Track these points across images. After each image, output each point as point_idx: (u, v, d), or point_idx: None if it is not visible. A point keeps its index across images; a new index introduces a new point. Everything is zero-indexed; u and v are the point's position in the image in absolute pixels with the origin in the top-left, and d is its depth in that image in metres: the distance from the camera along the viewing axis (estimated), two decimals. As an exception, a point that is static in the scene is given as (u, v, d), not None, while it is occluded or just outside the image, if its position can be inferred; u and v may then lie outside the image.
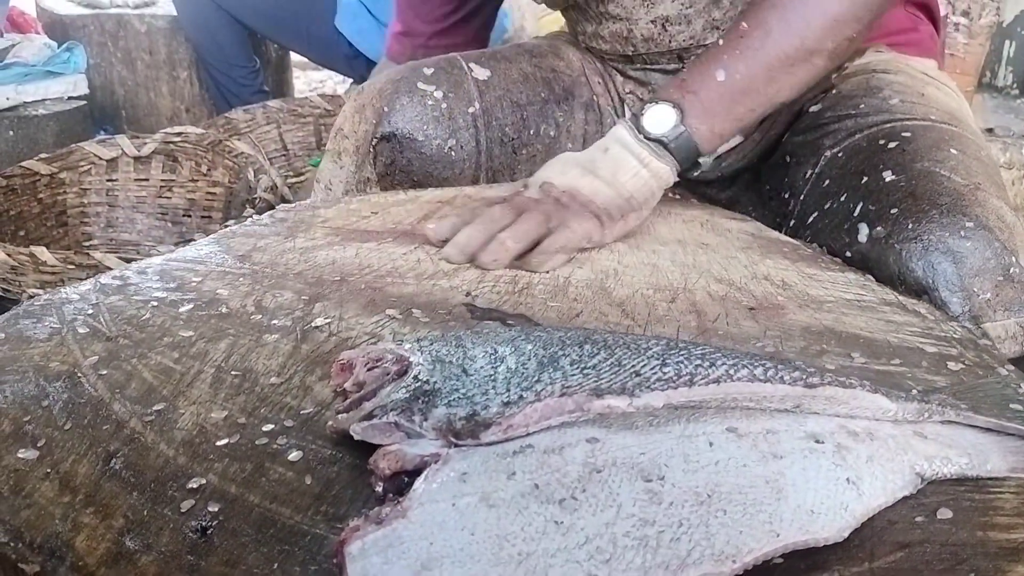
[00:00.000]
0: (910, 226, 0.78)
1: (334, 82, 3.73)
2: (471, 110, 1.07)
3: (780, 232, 0.92)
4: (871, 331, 0.69)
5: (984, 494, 0.50)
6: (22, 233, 1.81)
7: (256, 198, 1.72)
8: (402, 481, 0.47)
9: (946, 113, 0.95)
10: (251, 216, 1.61)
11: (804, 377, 0.53)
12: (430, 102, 1.05)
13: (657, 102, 0.86)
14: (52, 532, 0.46)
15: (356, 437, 0.50)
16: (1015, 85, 3.27)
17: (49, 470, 0.51)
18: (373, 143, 1.04)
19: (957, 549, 0.46)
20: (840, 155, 0.94)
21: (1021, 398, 0.59)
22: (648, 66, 1.11)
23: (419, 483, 0.45)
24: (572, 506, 0.43)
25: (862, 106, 0.97)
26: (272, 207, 1.69)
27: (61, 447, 0.53)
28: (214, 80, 2.62)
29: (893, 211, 0.80)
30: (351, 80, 2.71)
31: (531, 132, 1.12)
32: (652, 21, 1.04)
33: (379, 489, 0.47)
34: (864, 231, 0.82)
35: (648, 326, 0.69)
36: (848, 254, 0.83)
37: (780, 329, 0.69)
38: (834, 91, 1.03)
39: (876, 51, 1.08)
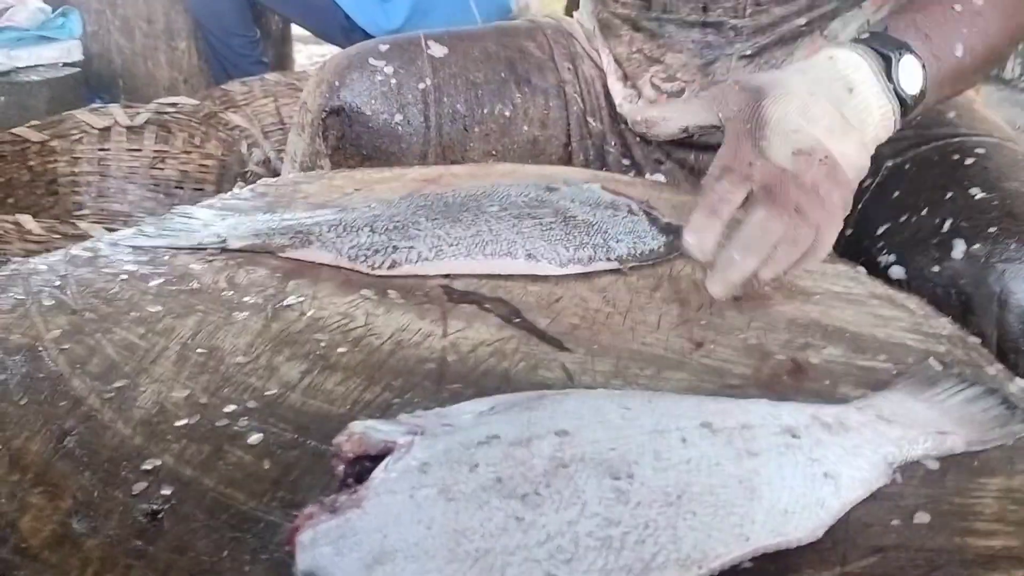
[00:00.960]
0: (1012, 246, 0.77)
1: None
2: (421, 86, 1.09)
3: None
4: (858, 325, 0.67)
5: (964, 498, 0.48)
6: (11, 201, 1.79)
7: (249, 172, 1.70)
8: (363, 467, 0.45)
9: (1002, 131, 0.95)
10: (243, 189, 1.60)
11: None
12: (379, 77, 1.07)
13: (909, 52, 0.72)
14: (-3, 512, 0.45)
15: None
16: (1023, 78, 3.24)
17: (0, 447, 0.49)
18: (323, 116, 1.07)
19: (933, 555, 0.44)
20: (907, 167, 0.92)
21: (1012, 397, 0.57)
22: (666, 15, 1.04)
23: (378, 472, 0.43)
24: (535, 502, 0.41)
25: (919, 117, 0.95)
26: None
27: (14, 423, 0.51)
28: (213, 49, 2.60)
29: (991, 230, 0.79)
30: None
31: (484, 111, 1.11)
32: None
33: (339, 472, 0.46)
34: (960, 247, 0.80)
35: (629, 313, 0.67)
36: (936, 268, 0.81)
37: (765, 320, 0.67)
38: None
39: None
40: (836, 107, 0.69)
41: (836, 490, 0.46)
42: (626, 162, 1.13)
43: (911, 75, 0.72)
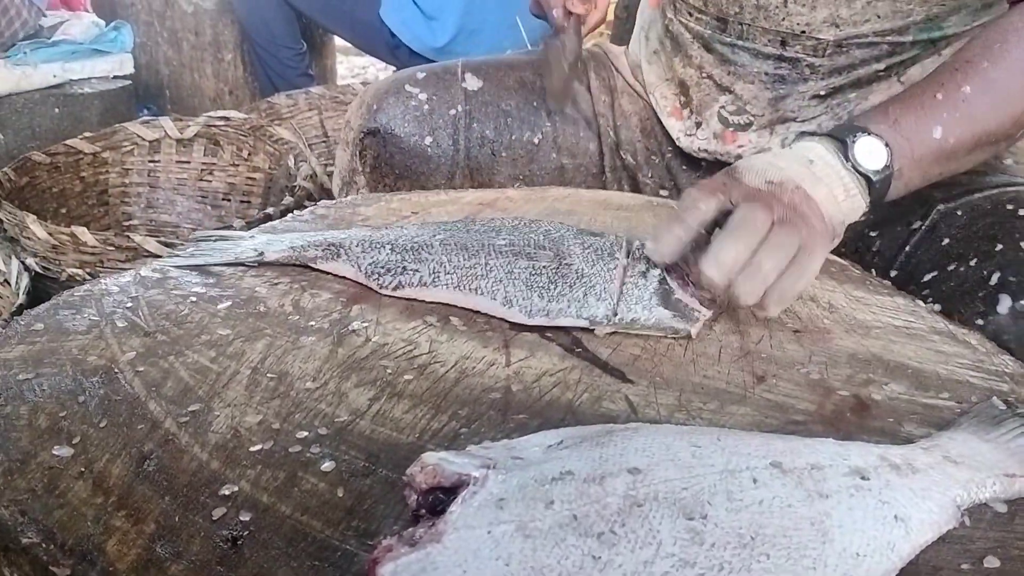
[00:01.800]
0: None
1: (376, 69, 3.73)
2: (452, 112, 1.14)
3: (861, 268, 0.90)
4: (920, 361, 0.67)
5: (1037, 546, 0.48)
6: (63, 211, 1.82)
7: (295, 185, 1.71)
8: (437, 497, 0.46)
9: None
10: (289, 203, 1.62)
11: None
12: (413, 103, 1.14)
13: (866, 133, 0.76)
14: (84, 534, 0.46)
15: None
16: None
17: (83, 469, 0.51)
18: (361, 136, 1.14)
19: (1007, 603, 0.44)
20: (959, 213, 0.91)
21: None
22: (742, 41, 1.01)
23: (455, 506, 0.44)
24: (611, 540, 0.42)
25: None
26: (310, 195, 1.70)
27: (96, 445, 0.52)
28: (261, 60, 2.63)
29: None
30: (393, 68, 2.71)
31: (512, 137, 1.16)
32: None
33: (412, 502, 0.46)
34: (1006, 303, 0.79)
35: (689, 345, 0.67)
36: (980, 322, 0.80)
37: (826, 354, 0.67)
38: None
39: None
40: (800, 163, 0.74)
41: (906, 533, 0.47)
42: (664, 193, 1.14)
43: (870, 152, 0.75)
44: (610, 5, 1.21)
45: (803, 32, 0.96)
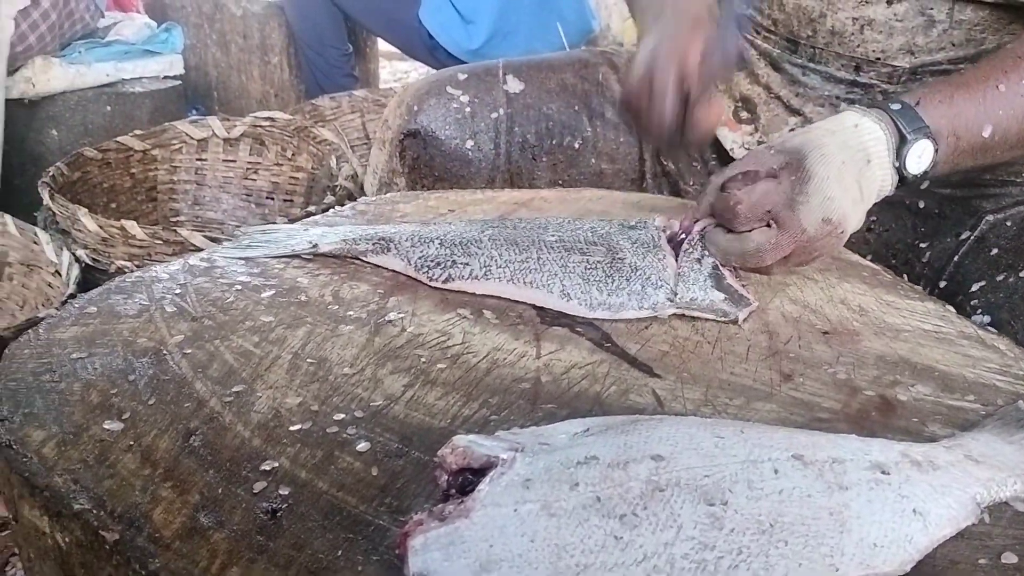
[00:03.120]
0: None
1: (418, 73, 3.77)
2: (494, 115, 1.13)
3: (898, 274, 0.90)
4: (947, 364, 0.67)
5: (1055, 544, 0.48)
6: (113, 205, 1.88)
7: (337, 185, 1.75)
8: (466, 478, 0.48)
9: None
10: (331, 202, 1.65)
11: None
12: (455, 105, 1.13)
13: (926, 136, 0.76)
14: (132, 503, 0.49)
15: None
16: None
17: (132, 443, 0.53)
18: (401, 138, 1.13)
19: (1022, 597, 0.45)
20: (1009, 224, 0.91)
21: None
22: (813, 63, 1.00)
23: (483, 485, 0.46)
24: (633, 522, 0.43)
25: None
26: (351, 194, 1.73)
27: (144, 421, 0.55)
28: (308, 61, 2.69)
29: None
30: (432, 70, 2.75)
31: (553, 142, 1.15)
32: (854, 18, 0.95)
33: (443, 482, 0.48)
34: None
35: (718, 343, 0.68)
36: None
37: (854, 355, 0.68)
38: None
39: None
40: (858, 176, 0.74)
41: (925, 527, 0.48)
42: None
43: (919, 158, 0.76)
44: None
45: (878, 59, 0.96)
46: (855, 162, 0.74)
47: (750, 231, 0.73)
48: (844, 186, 0.72)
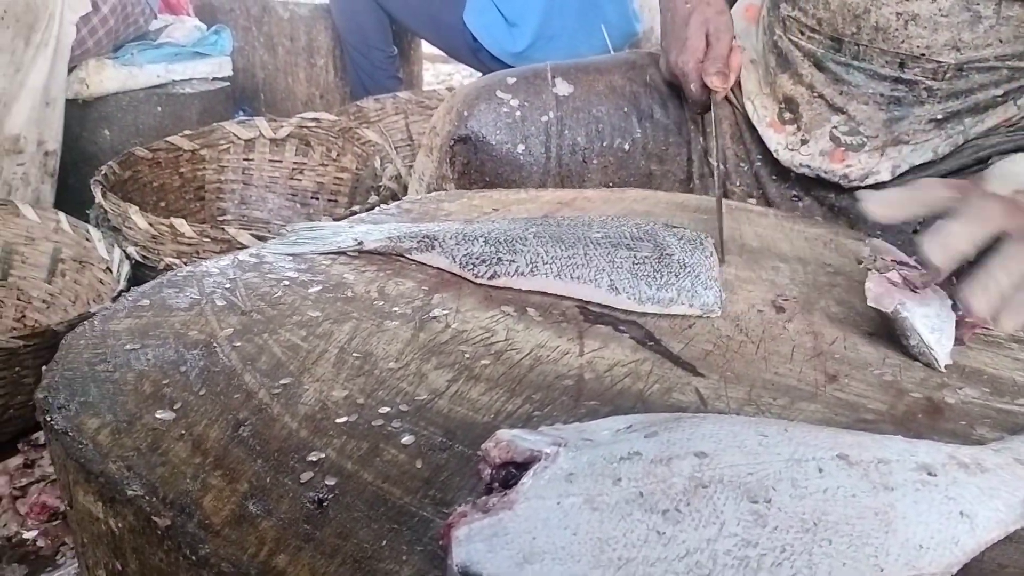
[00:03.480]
0: None
1: (461, 76, 3.80)
2: (544, 119, 1.14)
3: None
4: (996, 367, 0.66)
5: (1108, 549, 0.48)
6: (163, 204, 1.92)
7: (381, 186, 1.77)
8: (509, 472, 0.48)
9: None
10: (375, 202, 1.67)
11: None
12: (505, 109, 1.13)
13: None
14: (183, 490, 0.50)
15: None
16: None
17: (183, 432, 0.55)
18: (451, 143, 1.13)
19: (1073, 603, 0.44)
20: None
21: None
22: (857, 61, 1.00)
23: (527, 478, 0.46)
24: (675, 518, 0.44)
25: None
26: (395, 195, 1.75)
27: (195, 411, 0.56)
28: (354, 63, 2.72)
29: None
30: (478, 72, 2.76)
31: (604, 144, 1.15)
32: (898, 13, 0.95)
33: (486, 475, 0.49)
34: None
35: (762, 343, 0.68)
36: None
37: (900, 357, 0.67)
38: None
39: None
40: None
41: (972, 529, 0.47)
42: (752, 201, 1.14)
43: None
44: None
45: (923, 55, 0.95)
46: None
47: None
48: None
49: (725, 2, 1.06)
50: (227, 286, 0.72)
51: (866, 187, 1.03)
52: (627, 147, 1.16)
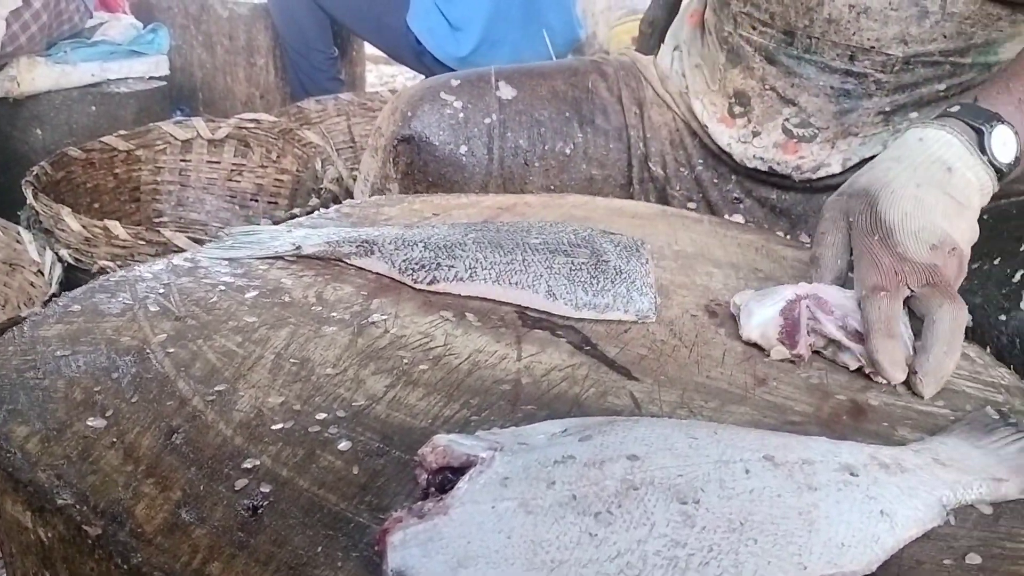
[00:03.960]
0: None
1: (405, 77, 3.78)
2: (487, 121, 1.15)
3: None
4: (919, 371, 0.69)
5: (1015, 543, 0.50)
6: (97, 205, 1.88)
7: (322, 188, 1.76)
8: (446, 477, 0.49)
9: None
10: (315, 204, 1.66)
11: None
12: (448, 111, 1.15)
13: (1000, 121, 0.75)
14: (114, 498, 0.49)
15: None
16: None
17: (115, 439, 0.54)
18: (395, 143, 1.14)
19: (984, 596, 0.46)
20: (985, 216, 0.92)
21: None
22: (808, 54, 1.03)
23: (462, 483, 0.47)
24: (607, 520, 0.45)
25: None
26: (336, 197, 1.74)
27: (127, 418, 0.56)
28: (293, 64, 2.69)
29: None
30: (421, 75, 2.76)
31: (546, 147, 1.17)
32: (851, 6, 0.98)
33: (423, 481, 0.49)
34: None
35: (695, 347, 0.70)
36: (1003, 317, 0.81)
37: (826, 362, 0.69)
38: None
39: None
40: (942, 191, 0.73)
41: (891, 527, 0.49)
42: (692, 205, 1.16)
43: (1004, 144, 0.75)
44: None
45: (872, 48, 0.98)
46: (933, 178, 0.73)
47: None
48: (928, 208, 0.71)
49: None
50: (161, 291, 0.71)
51: (817, 179, 1.06)
52: (568, 151, 1.17)
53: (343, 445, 0.55)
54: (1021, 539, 0.51)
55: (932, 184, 0.73)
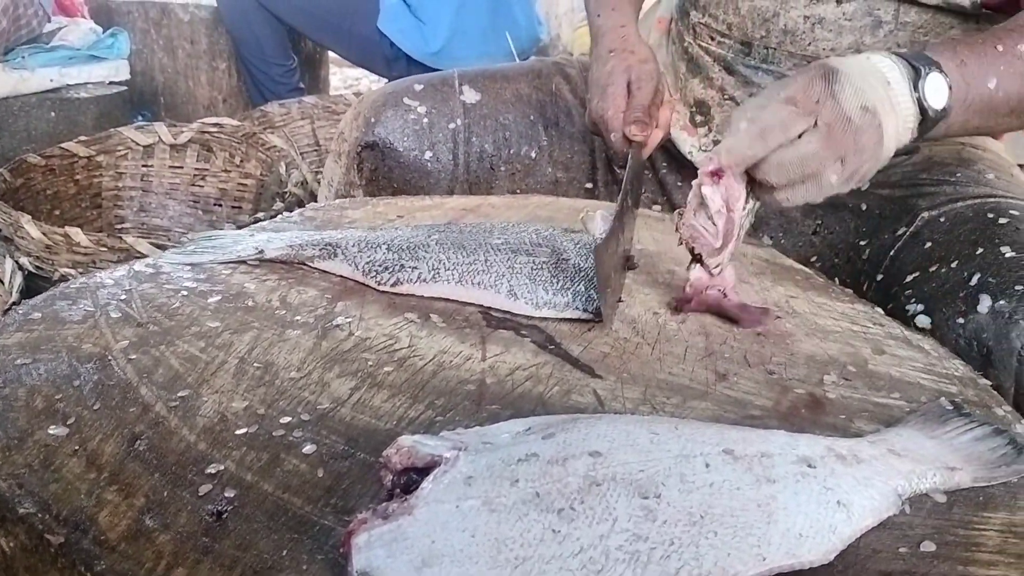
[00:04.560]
0: None
1: (370, 80, 3.77)
2: (452, 126, 1.15)
3: (848, 274, 0.93)
4: (875, 363, 0.70)
5: (968, 530, 0.51)
6: (57, 212, 1.85)
7: (286, 192, 1.75)
8: (410, 477, 0.49)
9: None
10: (280, 208, 1.65)
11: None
12: (412, 116, 1.14)
13: (938, 70, 0.76)
14: (77, 506, 0.49)
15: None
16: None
17: (77, 447, 0.54)
18: (359, 150, 1.14)
19: (938, 582, 0.47)
20: (942, 220, 0.95)
21: (1019, 437, 0.60)
22: (766, 64, 1.05)
23: (427, 483, 0.47)
24: (570, 516, 0.45)
25: (958, 175, 0.99)
26: (301, 201, 1.73)
27: (90, 426, 0.55)
28: (251, 76, 2.67)
29: (1018, 288, 0.81)
30: (386, 80, 2.75)
31: (511, 151, 1.17)
32: (805, 16, 1.00)
33: (388, 482, 0.49)
34: (986, 303, 0.82)
35: (657, 345, 0.71)
36: (961, 320, 0.83)
37: (785, 355, 0.70)
38: (921, 153, 1.05)
39: None
40: (881, 91, 0.74)
41: (848, 517, 0.50)
42: (657, 208, 1.17)
43: (936, 91, 0.76)
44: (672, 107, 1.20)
45: (828, 57, 0.99)
46: (876, 80, 0.74)
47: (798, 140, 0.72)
48: (872, 85, 0.73)
49: (650, 51, 1.04)
50: (122, 297, 0.71)
51: None
52: (534, 155, 1.18)
53: (308, 448, 0.55)
54: (974, 526, 0.52)
55: (876, 83, 0.74)
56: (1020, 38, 0.81)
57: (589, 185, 1.20)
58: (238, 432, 0.56)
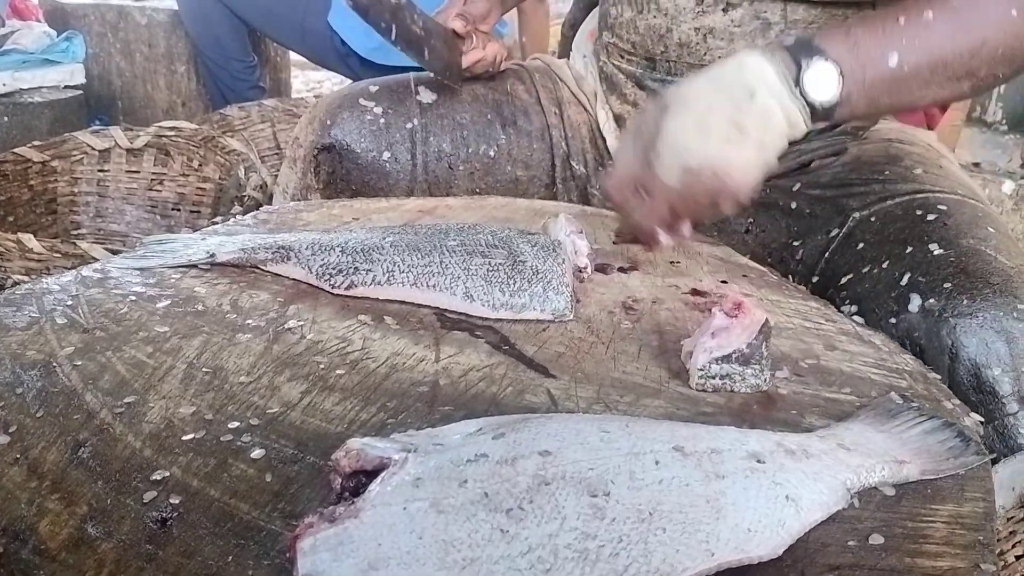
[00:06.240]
0: (964, 302, 0.80)
1: (332, 83, 3.75)
2: (409, 125, 1.15)
3: (783, 274, 0.94)
4: (826, 359, 0.71)
5: (916, 522, 0.52)
6: (11, 219, 1.82)
7: (245, 195, 1.73)
8: (359, 480, 0.49)
9: (967, 188, 0.99)
10: (239, 212, 1.63)
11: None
12: (369, 117, 1.14)
13: (824, 57, 0.74)
14: (17, 515, 0.48)
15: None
16: (1004, 121, 3.31)
17: (19, 455, 0.52)
18: (315, 153, 1.13)
19: (885, 574, 0.48)
20: (873, 220, 0.96)
21: (967, 431, 0.61)
22: (671, 76, 1.07)
23: (374, 485, 0.47)
24: (519, 516, 0.45)
25: (887, 172, 1.00)
26: (260, 205, 1.71)
27: (32, 434, 0.54)
28: (211, 73, 2.64)
29: (946, 285, 0.82)
30: (349, 80, 2.73)
31: (469, 150, 1.18)
32: (696, 28, 1.02)
33: (337, 485, 0.49)
34: (916, 302, 0.83)
35: (612, 343, 0.71)
36: (893, 320, 0.84)
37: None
38: (850, 153, 1.06)
39: (884, 119, 1.11)
40: (734, 115, 0.73)
41: (797, 512, 0.50)
42: (611, 204, 1.18)
43: (817, 82, 0.74)
44: (504, 52, 1.23)
45: None
46: (731, 101, 0.73)
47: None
48: (706, 130, 0.73)
49: None
50: (69, 303, 0.69)
51: None
52: (492, 153, 1.18)
53: (256, 453, 0.54)
54: (922, 519, 0.52)
55: (726, 107, 0.73)
56: (926, 5, 0.77)
57: (548, 182, 1.21)
58: (185, 438, 0.55)
